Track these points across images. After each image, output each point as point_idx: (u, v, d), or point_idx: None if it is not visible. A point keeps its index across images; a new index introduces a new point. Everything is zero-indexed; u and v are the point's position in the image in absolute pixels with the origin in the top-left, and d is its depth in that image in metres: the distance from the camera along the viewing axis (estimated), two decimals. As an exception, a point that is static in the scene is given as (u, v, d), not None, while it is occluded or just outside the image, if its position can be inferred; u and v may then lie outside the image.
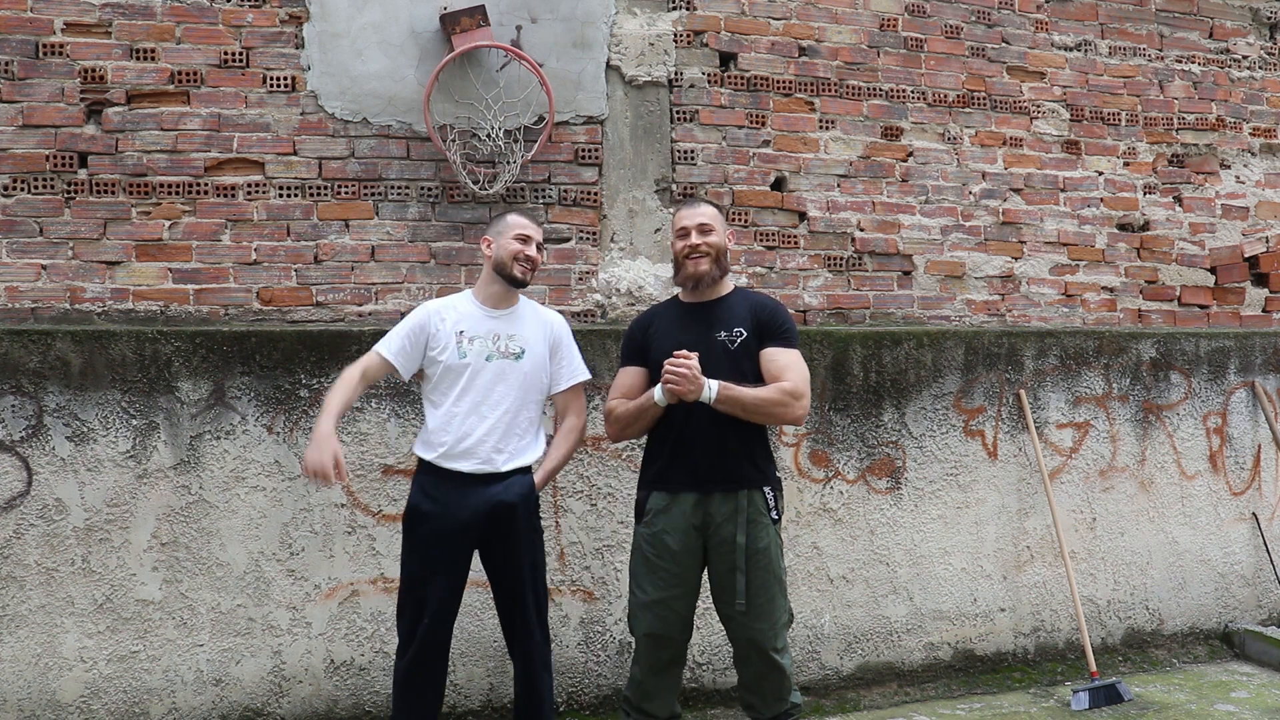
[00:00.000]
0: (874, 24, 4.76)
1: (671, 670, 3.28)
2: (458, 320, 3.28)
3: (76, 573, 3.67)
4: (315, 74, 4.08)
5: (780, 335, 3.24)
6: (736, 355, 3.19)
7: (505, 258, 3.27)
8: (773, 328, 3.24)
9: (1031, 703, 4.27)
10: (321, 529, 3.86)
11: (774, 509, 3.22)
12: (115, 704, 3.67)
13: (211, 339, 3.81)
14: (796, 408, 3.16)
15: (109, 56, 3.92)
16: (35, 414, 3.67)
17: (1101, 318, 5.06)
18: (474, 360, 3.23)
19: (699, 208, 3.35)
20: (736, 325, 3.23)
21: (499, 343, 3.26)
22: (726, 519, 3.15)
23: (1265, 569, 5.11)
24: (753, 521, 3.16)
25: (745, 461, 3.19)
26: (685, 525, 3.17)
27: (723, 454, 3.16)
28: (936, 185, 4.81)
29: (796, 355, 3.24)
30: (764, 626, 3.16)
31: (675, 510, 3.18)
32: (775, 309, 3.31)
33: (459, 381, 3.23)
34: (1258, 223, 5.37)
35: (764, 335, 3.24)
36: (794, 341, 3.27)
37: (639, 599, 3.23)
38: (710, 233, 3.27)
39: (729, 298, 3.33)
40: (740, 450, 3.18)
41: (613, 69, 4.38)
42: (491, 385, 3.23)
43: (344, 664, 3.87)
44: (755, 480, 3.19)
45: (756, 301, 3.33)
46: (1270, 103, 5.42)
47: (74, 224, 3.87)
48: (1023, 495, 4.68)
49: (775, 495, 3.24)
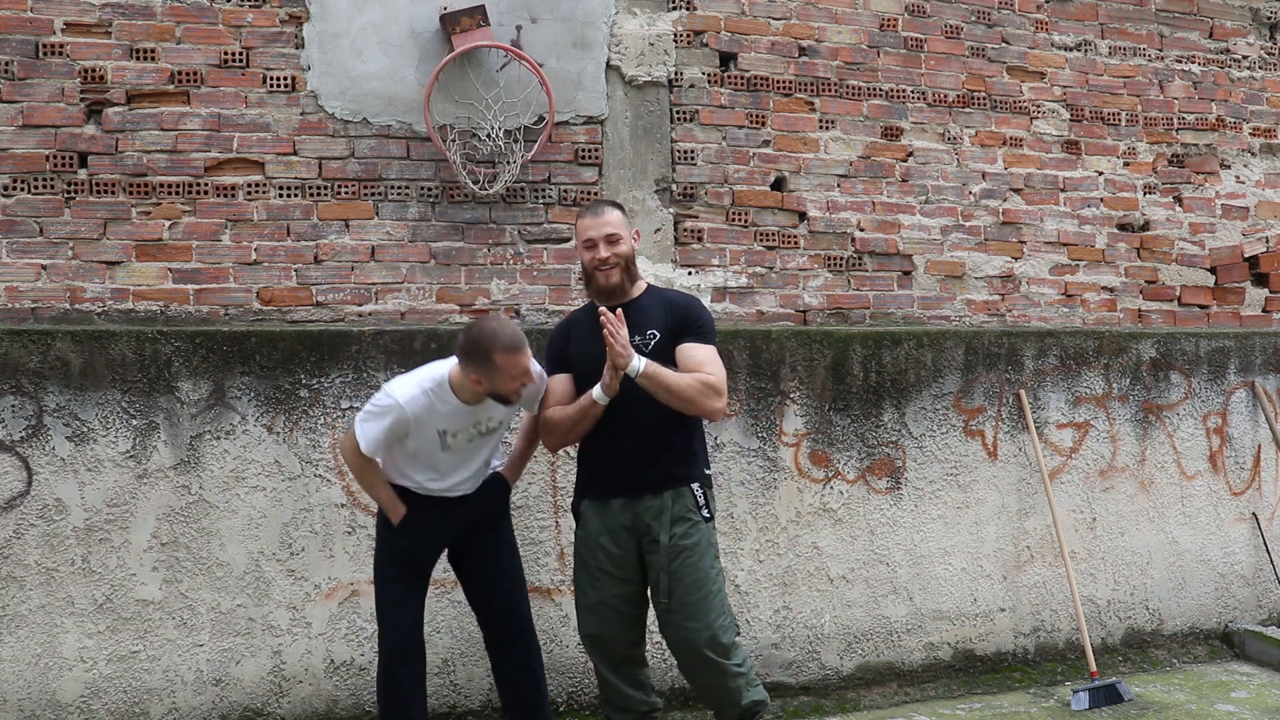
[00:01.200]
0: (874, 24, 4.75)
1: (627, 669, 3.28)
2: (437, 423, 3.16)
3: (76, 573, 3.67)
4: (315, 74, 4.08)
5: (695, 331, 3.21)
6: (652, 357, 3.13)
7: (506, 394, 3.10)
8: (688, 325, 3.22)
9: (1031, 703, 4.27)
10: (321, 529, 3.86)
11: (704, 506, 3.20)
12: (115, 704, 3.67)
13: (211, 339, 3.81)
14: (717, 401, 3.14)
15: (109, 56, 3.92)
16: (35, 414, 3.67)
17: (1101, 318, 5.06)
18: (457, 448, 3.24)
19: (604, 215, 3.26)
20: (650, 327, 3.20)
21: (480, 426, 3.25)
22: (654, 518, 3.15)
23: (1265, 569, 5.11)
24: (679, 519, 3.15)
25: (672, 461, 3.18)
26: (616, 526, 3.19)
27: (649, 456, 3.16)
28: (936, 185, 4.81)
29: (713, 351, 3.21)
30: (697, 627, 3.12)
31: (607, 513, 3.21)
32: (689, 306, 3.29)
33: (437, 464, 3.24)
34: (1258, 223, 5.37)
35: (679, 333, 3.20)
36: (710, 338, 3.24)
37: (580, 601, 3.30)
38: (618, 242, 3.22)
39: (641, 300, 3.29)
40: (667, 450, 3.17)
41: (613, 69, 4.38)
42: (472, 456, 3.29)
43: (344, 664, 3.87)
44: (682, 479, 3.18)
45: (671, 301, 3.30)
46: (1270, 103, 5.42)
47: (74, 224, 3.87)
48: (1023, 495, 4.68)
49: (705, 492, 3.22)
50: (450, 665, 3.94)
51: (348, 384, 3.90)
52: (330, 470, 3.88)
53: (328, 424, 3.88)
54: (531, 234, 4.28)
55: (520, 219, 4.27)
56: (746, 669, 3.21)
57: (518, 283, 4.24)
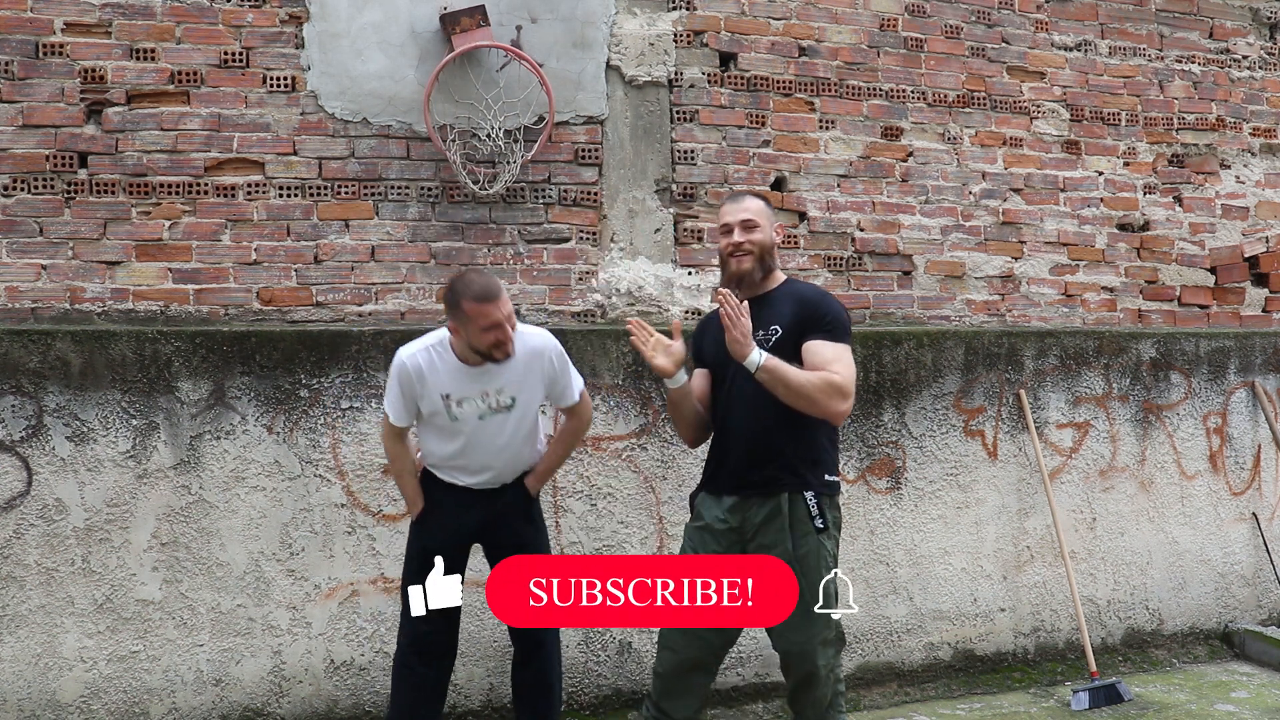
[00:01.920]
0: (874, 24, 4.76)
1: (694, 676, 3.12)
2: (440, 383, 3.12)
3: (76, 573, 3.67)
4: (315, 74, 4.08)
5: (824, 328, 3.00)
6: (773, 353, 2.95)
7: (480, 346, 3.05)
8: (814, 320, 3.01)
9: (1031, 703, 4.27)
10: (321, 529, 3.86)
11: (819, 516, 3.00)
12: (115, 704, 3.67)
13: (211, 339, 3.81)
14: (841, 403, 2.94)
15: (109, 56, 3.92)
16: (35, 414, 3.67)
17: (1101, 318, 5.06)
18: (467, 419, 3.15)
19: (743, 202, 3.14)
20: (775, 323, 3.02)
21: (489, 399, 3.14)
22: (763, 524, 3.00)
23: (1265, 569, 5.11)
24: (789, 529, 2.98)
25: (785, 464, 3.01)
26: (725, 528, 3.06)
27: (761, 456, 3.00)
28: (936, 185, 4.81)
29: (844, 350, 3.00)
30: (799, 639, 2.99)
31: (719, 509, 3.08)
32: (820, 301, 3.08)
33: (456, 438, 3.19)
34: (1258, 223, 5.37)
35: (805, 329, 3.00)
36: (841, 335, 3.02)
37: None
38: (754, 229, 3.07)
39: (774, 293, 3.11)
40: (779, 452, 3.00)
41: (613, 69, 4.38)
42: (491, 439, 3.19)
43: (344, 664, 3.87)
44: (795, 485, 3.00)
45: (801, 295, 3.11)
46: (1270, 103, 5.42)
47: (74, 224, 3.87)
48: (1023, 495, 4.68)
49: (820, 501, 3.02)
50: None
51: (348, 384, 3.90)
52: (330, 470, 3.88)
53: (328, 424, 3.88)
54: (531, 234, 4.28)
55: (520, 219, 4.27)
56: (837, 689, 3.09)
57: (518, 283, 4.24)
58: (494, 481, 3.27)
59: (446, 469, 3.26)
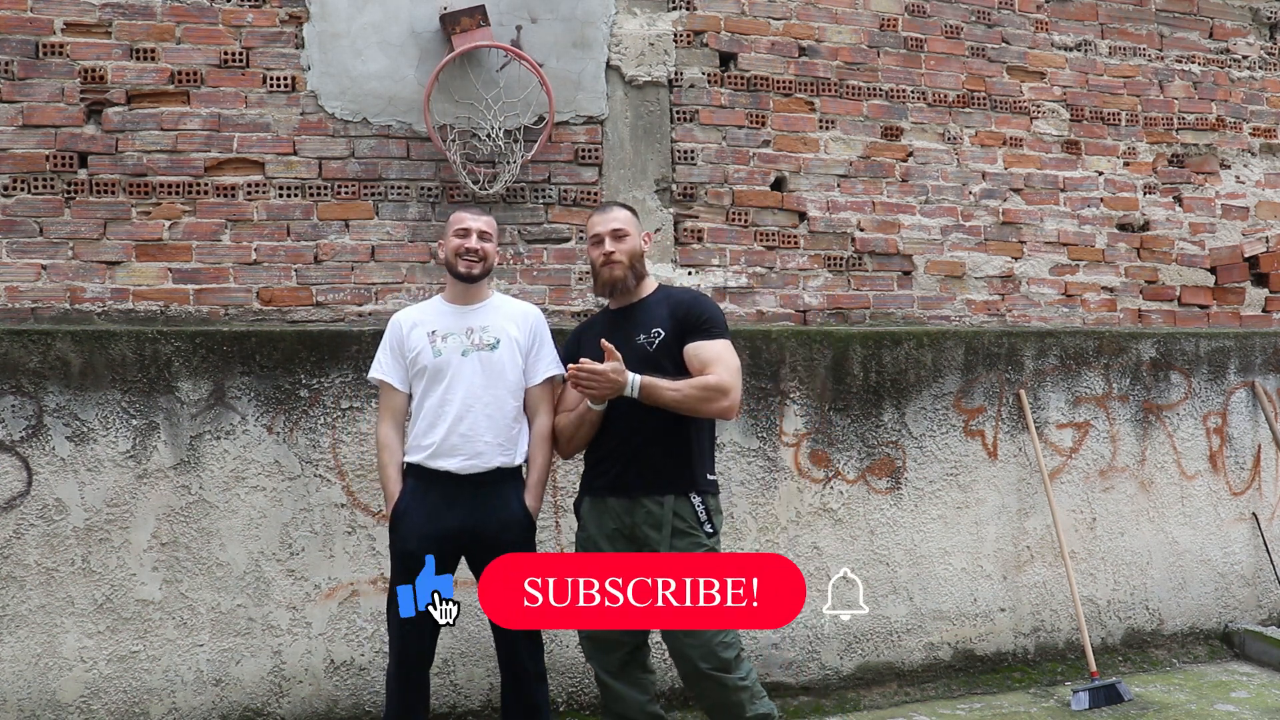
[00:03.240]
0: (874, 24, 4.76)
1: (629, 672, 3.17)
2: (428, 322, 3.24)
3: (76, 573, 3.67)
4: (315, 74, 4.08)
5: (701, 328, 3.12)
6: (655, 357, 3.09)
7: (449, 255, 3.25)
8: (692, 321, 3.13)
9: (1031, 703, 4.27)
10: (321, 529, 3.86)
11: (707, 522, 3.09)
12: (115, 704, 3.67)
13: (211, 339, 3.81)
14: (723, 400, 3.04)
15: (109, 56, 3.92)
16: (35, 414, 3.67)
17: (1101, 318, 5.06)
18: (450, 356, 3.18)
19: (611, 212, 3.26)
20: (655, 326, 3.14)
21: (473, 336, 3.21)
22: (653, 528, 3.06)
23: (1265, 569, 5.11)
24: (680, 534, 3.05)
25: (670, 466, 3.09)
26: (611, 531, 3.12)
27: (644, 457, 3.08)
28: (936, 185, 4.81)
29: (723, 345, 3.11)
30: (694, 643, 3.00)
31: (605, 513, 3.14)
32: (694, 302, 3.21)
33: (441, 381, 3.18)
34: (1258, 223, 5.37)
35: (685, 331, 3.12)
36: (718, 332, 3.14)
37: None
38: (624, 238, 3.19)
39: (649, 299, 3.24)
40: (664, 454, 3.08)
41: (613, 69, 4.38)
42: (472, 378, 3.17)
43: (344, 664, 3.87)
44: (681, 485, 3.08)
45: (676, 298, 3.23)
46: (1270, 103, 5.42)
47: (74, 224, 3.87)
48: (1023, 495, 4.68)
49: (706, 503, 3.11)
50: (450, 665, 3.94)
51: (348, 384, 3.90)
52: (330, 470, 3.88)
53: (328, 424, 3.88)
54: (531, 234, 4.28)
55: (520, 219, 4.27)
56: (750, 682, 3.09)
57: (518, 283, 4.24)
58: (482, 462, 3.16)
59: (433, 447, 3.15)
